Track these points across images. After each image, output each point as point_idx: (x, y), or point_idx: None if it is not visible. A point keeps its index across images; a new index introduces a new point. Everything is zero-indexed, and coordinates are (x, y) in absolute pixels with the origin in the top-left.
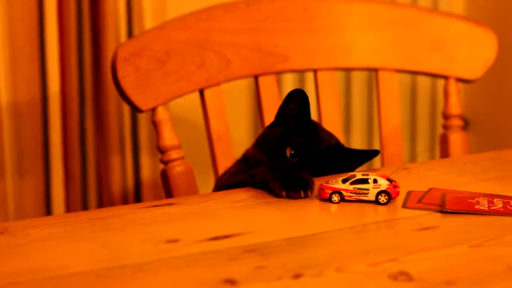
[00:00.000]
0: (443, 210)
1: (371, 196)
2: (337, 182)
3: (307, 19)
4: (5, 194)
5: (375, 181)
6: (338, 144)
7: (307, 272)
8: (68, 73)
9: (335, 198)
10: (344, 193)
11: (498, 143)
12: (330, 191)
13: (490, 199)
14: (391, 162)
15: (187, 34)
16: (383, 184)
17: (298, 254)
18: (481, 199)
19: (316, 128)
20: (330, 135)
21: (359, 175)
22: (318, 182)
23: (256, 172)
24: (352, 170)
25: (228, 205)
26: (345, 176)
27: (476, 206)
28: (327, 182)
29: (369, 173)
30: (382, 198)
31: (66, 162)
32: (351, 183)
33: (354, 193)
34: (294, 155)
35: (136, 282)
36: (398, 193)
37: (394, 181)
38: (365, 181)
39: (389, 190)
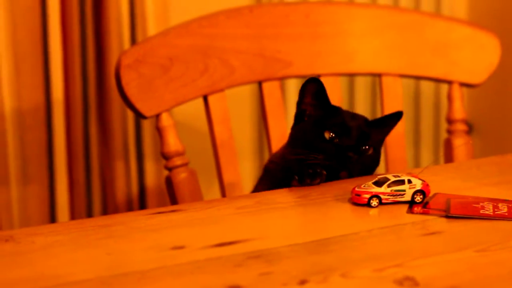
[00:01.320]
0: (448, 215)
1: (408, 197)
2: (371, 186)
3: (310, 25)
4: (9, 201)
5: (409, 181)
6: (364, 118)
7: (312, 278)
8: (71, 80)
9: (374, 202)
10: (382, 196)
11: (502, 147)
12: (368, 196)
13: (495, 204)
14: (395, 167)
15: (190, 41)
16: (418, 183)
17: (303, 260)
18: (486, 204)
19: (341, 110)
20: (355, 114)
21: (392, 177)
22: (352, 184)
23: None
24: (382, 140)
25: (233, 211)
26: (375, 179)
27: (481, 211)
28: (359, 187)
29: (401, 175)
30: (418, 197)
31: (70, 169)
32: (388, 186)
33: (391, 195)
34: (333, 137)
35: None
36: (430, 191)
37: (424, 180)
38: (401, 182)
39: (423, 189)
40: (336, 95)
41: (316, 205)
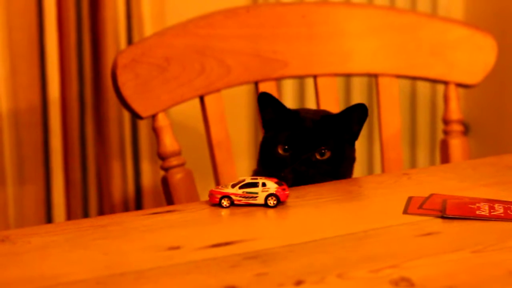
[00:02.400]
0: (444, 215)
1: (260, 200)
2: (226, 187)
3: (307, 25)
4: (5, 201)
5: (263, 184)
6: (324, 116)
7: (308, 278)
8: (68, 79)
9: (225, 202)
10: (234, 197)
11: (498, 148)
12: (219, 196)
13: (491, 205)
14: (391, 168)
15: (187, 41)
16: (272, 187)
17: (299, 261)
18: (482, 205)
19: (298, 114)
20: (316, 112)
21: (248, 179)
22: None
23: None
24: (355, 133)
25: (229, 212)
26: (235, 181)
27: (477, 212)
28: (217, 187)
29: (258, 178)
30: (271, 201)
31: (66, 169)
32: (240, 187)
33: (243, 197)
34: (287, 149)
35: None
36: (287, 196)
37: (284, 184)
38: (254, 184)
39: (277, 193)
40: (333, 96)
41: (312, 206)
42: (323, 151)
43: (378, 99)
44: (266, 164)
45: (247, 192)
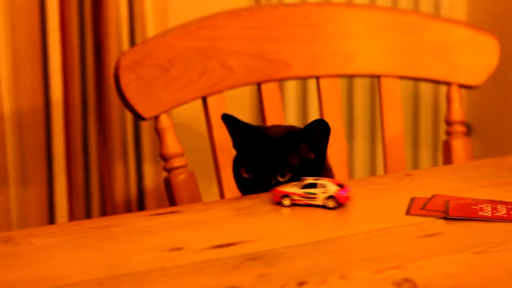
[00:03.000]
0: (446, 217)
1: (319, 201)
2: (288, 186)
3: (309, 26)
4: (8, 203)
5: (324, 186)
6: (287, 133)
7: (310, 279)
8: (70, 81)
9: (285, 201)
10: (294, 196)
11: (501, 149)
12: (280, 195)
13: (494, 206)
14: (394, 169)
15: (189, 42)
16: (331, 189)
17: (301, 262)
18: (484, 206)
19: (262, 133)
20: (283, 130)
21: (309, 180)
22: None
23: None
24: (320, 152)
25: (231, 213)
26: (299, 181)
27: (480, 213)
28: (280, 186)
29: (320, 179)
30: (330, 203)
31: (69, 170)
32: (302, 187)
33: (303, 197)
34: (248, 171)
35: None
36: (347, 199)
37: (345, 186)
38: (314, 185)
39: (336, 196)
40: (335, 97)
41: (314, 208)
42: (284, 173)
43: (380, 100)
44: (237, 184)
45: (307, 193)
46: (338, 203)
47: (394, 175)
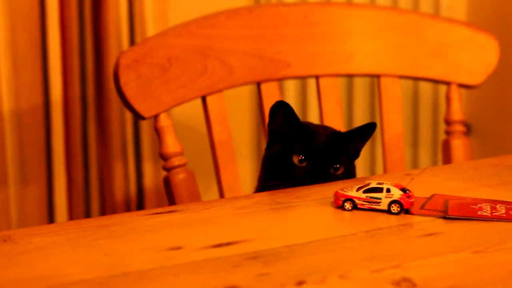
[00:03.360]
0: (446, 216)
1: (384, 206)
2: (351, 190)
3: (309, 26)
4: (7, 202)
5: (388, 190)
6: (334, 132)
7: (310, 279)
8: (70, 80)
9: (348, 205)
10: (357, 201)
11: (500, 148)
12: (343, 199)
13: (493, 205)
14: (393, 168)
15: (189, 41)
16: (396, 193)
17: (301, 261)
18: (483, 205)
19: (310, 128)
20: (325, 128)
21: (373, 184)
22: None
23: None
24: (357, 152)
25: (231, 212)
26: (360, 184)
27: (479, 212)
28: (342, 190)
29: (384, 182)
30: (394, 208)
31: (68, 169)
32: (364, 192)
33: (366, 202)
34: (302, 159)
35: None
36: (411, 204)
37: (409, 191)
38: (378, 190)
39: (401, 200)
40: (335, 96)
41: (314, 206)
42: (337, 166)
43: (380, 99)
44: (276, 173)
45: (370, 197)
46: (403, 208)
47: (393, 174)
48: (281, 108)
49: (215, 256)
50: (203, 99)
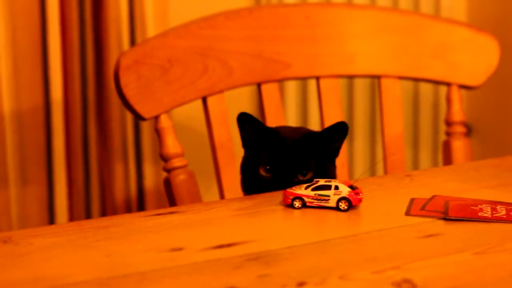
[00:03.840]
0: (446, 217)
1: (332, 203)
2: (300, 188)
3: (309, 27)
4: (8, 202)
5: (336, 187)
6: (305, 134)
7: (310, 280)
8: (70, 80)
9: (297, 203)
10: (306, 199)
11: (501, 149)
12: (292, 197)
13: (493, 206)
14: (394, 169)
15: (189, 42)
16: (344, 191)
17: (301, 262)
18: (484, 206)
19: (278, 134)
20: (297, 131)
21: (321, 182)
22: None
23: None
24: (335, 152)
25: (231, 213)
26: (310, 183)
27: (479, 213)
28: (291, 188)
29: (332, 180)
30: (343, 205)
31: (69, 170)
32: (313, 189)
33: (315, 199)
34: (268, 169)
35: None
36: (360, 200)
37: (357, 188)
38: (326, 187)
39: (349, 197)
40: (335, 97)
41: (314, 208)
42: (304, 172)
43: (380, 100)
44: (248, 185)
45: (319, 195)
46: (351, 205)
47: (393, 175)
48: (244, 119)
49: (216, 257)
50: (204, 100)
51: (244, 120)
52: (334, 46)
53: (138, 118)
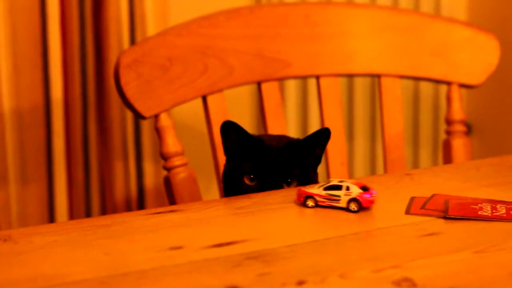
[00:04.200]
0: (446, 216)
1: (343, 203)
2: (312, 187)
3: (310, 25)
4: (8, 201)
5: (347, 188)
6: (288, 143)
7: (310, 278)
8: (71, 79)
9: (309, 202)
10: (317, 198)
11: (501, 148)
12: (304, 196)
13: (493, 205)
14: (393, 168)
15: (189, 41)
16: (354, 191)
17: (301, 261)
18: (484, 205)
19: (262, 142)
20: (280, 139)
21: (334, 181)
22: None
23: None
24: (318, 158)
25: (231, 212)
26: (325, 182)
27: (479, 212)
28: (304, 187)
29: (345, 180)
30: (353, 206)
31: (69, 169)
32: (324, 189)
33: (326, 199)
34: (252, 178)
35: None
36: (370, 202)
37: (369, 189)
38: (338, 187)
39: (359, 198)
40: (335, 96)
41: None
42: (289, 180)
43: (380, 99)
44: (231, 194)
45: (330, 194)
46: (361, 206)
47: (393, 174)
48: (228, 128)
49: (216, 256)
50: (204, 99)
51: (229, 128)
52: (334, 45)
53: (138, 116)
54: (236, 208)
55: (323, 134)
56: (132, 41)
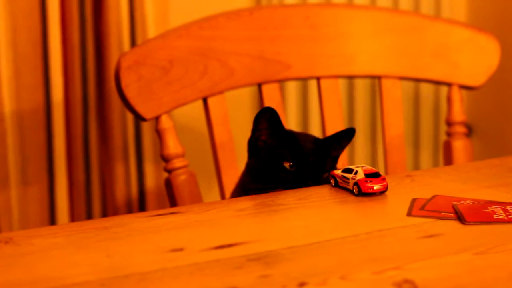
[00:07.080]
0: (464, 222)
1: (350, 185)
2: (338, 169)
3: (310, 27)
4: (9, 203)
5: (356, 172)
6: (316, 139)
7: (311, 280)
8: (71, 81)
9: (332, 181)
10: (337, 178)
11: (501, 150)
12: (331, 175)
13: (504, 207)
14: (394, 170)
15: (190, 43)
16: (359, 176)
17: (302, 263)
18: (495, 208)
19: (295, 135)
20: (307, 135)
21: (354, 166)
22: None
23: None
24: (338, 157)
25: (232, 214)
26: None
27: (494, 216)
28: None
29: (360, 166)
30: (355, 189)
31: (70, 170)
32: (342, 171)
33: (342, 180)
34: (292, 165)
35: None
36: (369, 188)
37: (377, 178)
38: (350, 171)
39: (359, 183)
40: (336, 98)
41: (315, 208)
42: (325, 171)
43: (381, 101)
44: (264, 178)
45: (343, 176)
46: (360, 191)
47: (394, 176)
48: (268, 114)
49: (217, 258)
50: (204, 101)
51: (266, 115)
52: (335, 46)
53: (139, 118)
54: (237, 210)
55: (350, 134)
56: (133, 43)
